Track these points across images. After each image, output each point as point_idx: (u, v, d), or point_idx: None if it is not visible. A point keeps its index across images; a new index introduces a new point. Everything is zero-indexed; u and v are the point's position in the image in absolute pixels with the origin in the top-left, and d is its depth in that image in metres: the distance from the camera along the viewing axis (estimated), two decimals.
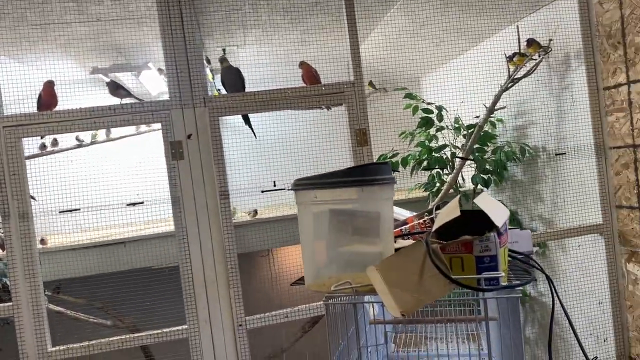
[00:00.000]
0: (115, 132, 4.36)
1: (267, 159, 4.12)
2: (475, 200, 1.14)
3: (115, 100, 2.79)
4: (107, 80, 2.78)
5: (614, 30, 2.75)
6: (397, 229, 1.43)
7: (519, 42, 3.44)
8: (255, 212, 4.44)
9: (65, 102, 2.71)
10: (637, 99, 2.65)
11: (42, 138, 3.76)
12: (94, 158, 4.34)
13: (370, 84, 5.02)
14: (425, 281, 1.09)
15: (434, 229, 1.15)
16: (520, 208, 3.90)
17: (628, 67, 2.68)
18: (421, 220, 1.42)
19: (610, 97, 2.84)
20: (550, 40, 3.16)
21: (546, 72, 3.37)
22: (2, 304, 2.65)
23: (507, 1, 3.34)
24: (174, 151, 2.60)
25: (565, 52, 3.15)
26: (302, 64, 2.86)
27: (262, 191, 2.86)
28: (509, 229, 1.44)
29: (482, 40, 4.09)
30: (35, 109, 2.58)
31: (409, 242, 1.35)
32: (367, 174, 1.14)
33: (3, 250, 3.10)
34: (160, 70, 4.81)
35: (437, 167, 3.80)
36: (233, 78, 2.75)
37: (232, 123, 3.91)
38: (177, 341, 2.82)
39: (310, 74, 2.79)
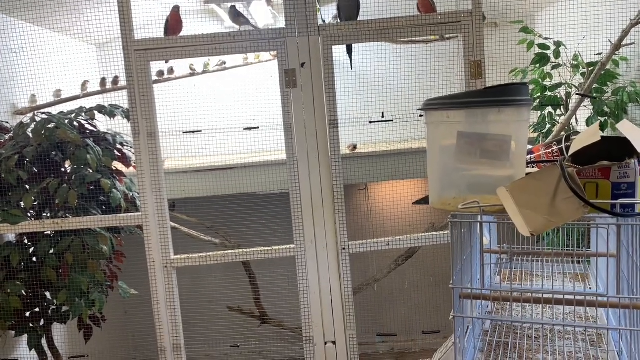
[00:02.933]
0: (226, 62, 4.53)
1: (372, 92, 4.12)
2: (617, 126, 1.11)
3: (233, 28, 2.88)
4: (228, 6, 2.86)
5: None
6: None
7: None
8: (355, 146, 4.50)
9: (183, 30, 2.85)
10: None
11: (166, 62, 3.99)
12: (209, 85, 4.56)
13: (483, 18, 4.80)
14: (558, 204, 1.10)
15: (570, 152, 1.13)
16: None
17: None
18: (548, 150, 1.40)
19: None
20: None
21: None
22: (131, 214, 2.96)
23: None
24: (288, 79, 2.68)
25: None
26: None
27: (370, 122, 2.90)
28: None
29: None
30: (161, 35, 2.75)
31: (535, 170, 1.35)
32: (504, 94, 1.14)
33: (127, 168, 3.40)
34: (268, 1, 4.88)
35: (550, 105, 3.62)
36: (351, 4, 2.74)
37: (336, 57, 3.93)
38: (274, 262, 3.00)
39: (426, 3, 2.72)
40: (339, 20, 3.03)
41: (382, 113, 2.91)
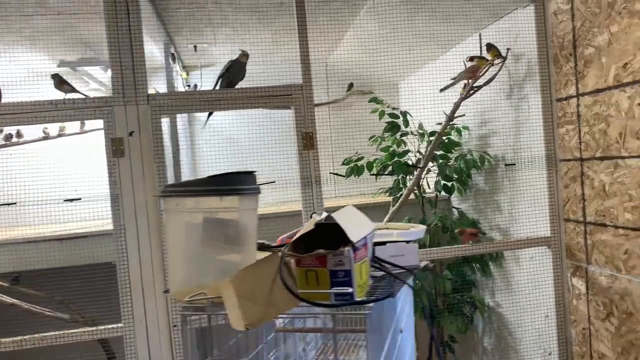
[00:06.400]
0: (71, 127, 4.33)
1: (228, 155, 4.09)
2: (333, 214, 1.12)
3: (59, 95, 2.75)
4: (54, 73, 2.76)
5: (567, 42, 2.72)
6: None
7: (481, 49, 3.42)
8: None
9: (34, 94, 2.67)
10: (584, 112, 2.62)
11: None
12: (47, 153, 4.32)
13: (350, 86, 5.02)
14: (274, 294, 1.07)
15: (292, 241, 1.13)
16: (482, 217, 3.88)
17: (578, 79, 2.66)
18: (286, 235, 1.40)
19: (562, 109, 2.81)
20: (508, 49, 3.13)
21: (507, 82, 3.35)
22: None
23: (470, 9, 3.31)
24: (115, 148, 2.58)
25: (524, 62, 3.12)
26: None
27: None
28: (397, 242, 1.42)
29: (451, 47, 4.07)
30: None
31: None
32: (226, 183, 1.12)
33: None
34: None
35: (400, 172, 3.77)
36: (240, 75, 2.78)
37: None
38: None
39: None
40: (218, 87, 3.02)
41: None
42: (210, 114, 3.18)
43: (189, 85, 4.68)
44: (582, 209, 2.69)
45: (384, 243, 1.40)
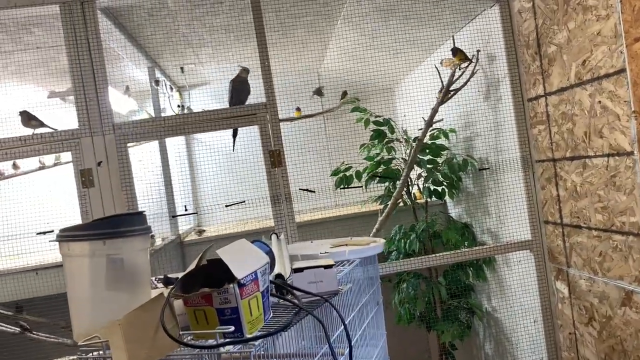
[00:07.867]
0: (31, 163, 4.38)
1: (229, 176, 4.11)
2: (219, 251, 1.11)
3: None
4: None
5: (532, 41, 2.66)
6: None
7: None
8: (201, 231, 4.43)
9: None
10: (552, 111, 2.55)
11: None
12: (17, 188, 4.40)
13: (344, 94, 5.01)
14: (159, 335, 1.07)
15: (179, 279, 1.12)
16: (474, 221, 3.80)
17: (544, 78, 2.59)
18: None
19: (533, 109, 2.74)
20: (478, 51, 3.07)
21: (484, 84, 3.28)
22: None
23: (440, 12, 3.26)
24: (84, 179, 2.62)
25: (497, 62, 3.06)
26: None
27: (172, 216, 2.86)
28: (316, 267, 1.40)
29: (433, 51, 4.02)
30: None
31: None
32: (112, 226, 1.13)
33: None
34: (126, 87, 4.87)
35: (388, 179, 3.73)
36: (245, 88, 2.89)
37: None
38: None
39: None
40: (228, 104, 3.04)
41: (185, 207, 2.88)
42: (235, 134, 3.19)
43: (179, 106, 4.74)
44: (559, 211, 2.61)
45: (302, 270, 1.38)
